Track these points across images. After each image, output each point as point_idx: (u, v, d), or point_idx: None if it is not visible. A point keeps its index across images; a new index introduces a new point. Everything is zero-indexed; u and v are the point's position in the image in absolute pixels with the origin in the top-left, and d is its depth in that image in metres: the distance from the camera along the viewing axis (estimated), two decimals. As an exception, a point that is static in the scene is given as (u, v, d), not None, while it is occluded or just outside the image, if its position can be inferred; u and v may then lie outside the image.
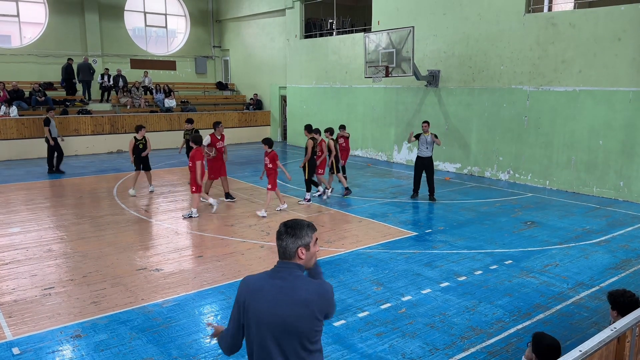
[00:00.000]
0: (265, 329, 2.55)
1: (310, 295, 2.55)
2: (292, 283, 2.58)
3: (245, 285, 2.67)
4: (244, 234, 9.05)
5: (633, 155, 11.46)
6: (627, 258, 7.90)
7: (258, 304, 2.57)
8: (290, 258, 2.65)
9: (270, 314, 2.54)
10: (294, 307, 2.53)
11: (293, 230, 2.65)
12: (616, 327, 3.24)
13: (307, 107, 20.70)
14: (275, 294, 2.56)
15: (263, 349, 2.58)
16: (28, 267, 7.40)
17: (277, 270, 2.65)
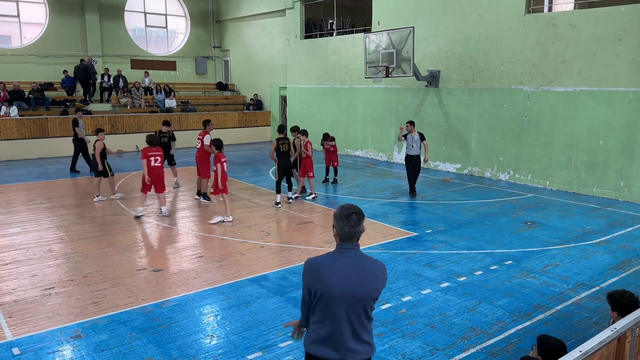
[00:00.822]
0: (337, 301, 2.89)
1: (376, 270, 2.97)
2: (360, 261, 2.96)
3: (311, 266, 3.00)
4: (244, 234, 9.05)
5: (633, 155, 11.46)
6: (627, 258, 7.90)
7: (329, 280, 2.90)
8: (357, 239, 2.98)
9: (342, 287, 2.88)
10: (364, 280, 2.91)
11: (359, 216, 2.96)
12: (616, 327, 3.24)
13: (308, 107, 20.71)
14: (346, 270, 2.92)
15: (333, 319, 2.92)
16: (28, 267, 7.40)
17: (344, 251, 2.97)
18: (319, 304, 2.96)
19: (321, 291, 2.92)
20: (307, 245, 8.41)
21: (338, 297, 2.90)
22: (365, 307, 2.95)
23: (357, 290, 2.90)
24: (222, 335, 5.42)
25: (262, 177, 14.72)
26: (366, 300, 2.93)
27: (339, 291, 2.89)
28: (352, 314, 2.93)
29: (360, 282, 2.91)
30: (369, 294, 2.93)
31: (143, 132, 20.24)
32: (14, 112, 17.96)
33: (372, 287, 2.94)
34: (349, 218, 2.92)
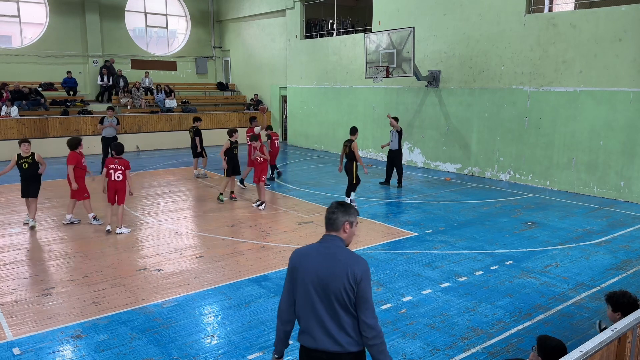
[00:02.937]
0: (309, 286, 3.06)
1: (345, 259, 3.02)
2: (334, 250, 3.08)
3: (295, 254, 3.24)
4: (245, 234, 9.05)
5: (634, 155, 11.45)
6: (627, 259, 7.89)
7: (305, 266, 3.10)
8: (336, 230, 3.14)
9: (314, 273, 3.04)
10: (331, 267, 3.01)
11: (344, 207, 3.17)
12: (617, 327, 3.24)
13: (308, 107, 20.71)
14: (319, 257, 3.08)
15: (307, 303, 3.08)
16: (29, 267, 7.41)
17: (323, 241, 3.17)
18: (298, 291, 3.12)
19: (297, 275, 3.11)
20: (307, 246, 8.40)
21: (309, 282, 3.05)
22: (338, 297, 2.98)
23: (326, 277, 3.00)
24: (222, 336, 5.42)
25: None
26: (336, 290, 2.97)
27: (310, 276, 3.05)
28: (323, 302, 3.02)
29: (329, 269, 3.00)
30: (338, 284, 2.96)
31: (143, 132, 20.31)
32: (15, 112, 17.98)
33: (340, 276, 2.97)
34: (331, 207, 3.18)
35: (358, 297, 2.99)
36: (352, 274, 2.97)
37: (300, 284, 3.10)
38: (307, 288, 3.07)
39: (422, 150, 16.34)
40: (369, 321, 3.01)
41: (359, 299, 2.99)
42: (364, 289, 2.99)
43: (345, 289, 2.97)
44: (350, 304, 3.00)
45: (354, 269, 2.98)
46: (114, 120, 15.18)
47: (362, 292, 2.99)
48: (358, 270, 2.99)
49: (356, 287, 2.97)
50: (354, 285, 2.97)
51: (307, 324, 3.10)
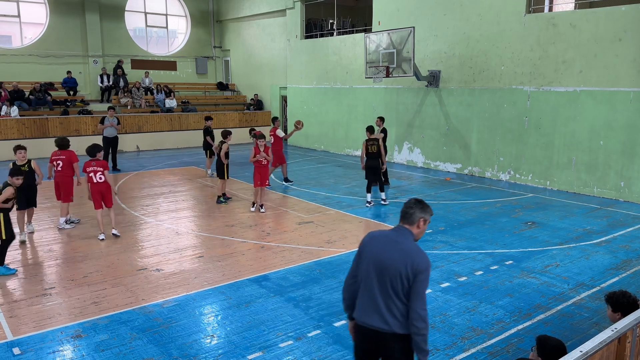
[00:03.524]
0: (370, 267, 3.34)
1: (409, 251, 3.25)
2: (401, 240, 3.33)
3: (367, 236, 3.51)
4: (245, 234, 9.05)
5: (634, 155, 11.45)
6: (627, 259, 7.89)
7: (371, 248, 3.39)
8: (410, 224, 3.38)
9: (377, 255, 3.32)
10: (393, 253, 3.27)
11: (421, 205, 3.42)
12: (617, 327, 3.24)
13: (308, 107, 20.71)
14: (385, 243, 3.35)
15: (366, 282, 3.36)
16: (28, 267, 7.41)
17: (395, 230, 3.42)
18: (360, 269, 3.43)
19: (363, 254, 3.42)
20: (307, 245, 8.41)
21: (371, 262, 3.33)
22: (393, 283, 3.23)
23: (386, 262, 3.26)
24: (222, 335, 5.42)
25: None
26: (393, 276, 3.22)
27: (373, 258, 3.33)
28: (381, 285, 3.28)
29: (391, 256, 3.26)
30: (395, 271, 3.21)
31: (143, 132, 20.31)
32: (15, 112, 17.98)
33: (400, 264, 3.21)
34: (410, 202, 3.45)
35: (413, 288, 3.20)
36: (412, 265, 3.20)
37: (363, 263, 3.40)
38: (369, 268, 3.35)
39: (422, 150, 16.34)
40: (421, 312, 3.20)
41: (414, 290, 3.20)
42: (421, 282, 3.21)
43: (401, 277, 3.21)
44: (403, 291, 3.22)
45: (415, 261, 3.21)
46: (114, 120, 15.20)
47: (418, 284, 3.20)
48: (419, 264, 3.21)
49: (413, 278, 3.20)
50: (412, 276, 3.19)
51: (363, 300, 3.38)
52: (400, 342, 3.29)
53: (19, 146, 8.58)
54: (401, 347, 3.31)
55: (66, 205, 9.38)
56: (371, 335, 3.35)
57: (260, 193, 10.64)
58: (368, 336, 3.39)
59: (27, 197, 8.64)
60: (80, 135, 18.83)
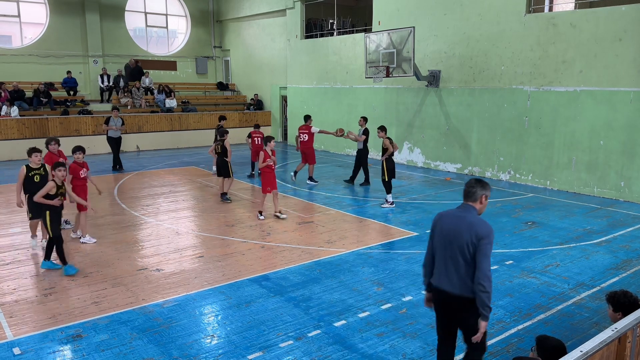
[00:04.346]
0: (442, 239, 3.94)
1: (473, 222, 3.82)
2: (466, 214, 3.91)
3: (438, 215, 4.10)
4: (245, 234, 9.05)
5: (634, 155, 11.45)
6: (627, 258, 7.89)
7: (441, 224, 3.99)
8: (473, 201, 3.94)
9: (446, 229, 3.92)
10: (460, 227, 3.84)
11: (481, 183, 3.96)
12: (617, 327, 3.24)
13: (308, 107, 20.69)
14: (453, 218, 3.94)
15: (439, 252, 3.98)
16: (29, 267, 7.41)
17: (460, 207, 4.00)
18: (433, 243, 4.04)
19: (435, 230, 4.02)
20: (307, 245, 8.41)
21: (442, 236, 3.94)
22: (461, 250, 3.79)
23: (454, 233, 3.84)
24: (222, 335, 5.42)
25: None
26: (461, 244, 3.80)
27: (443, 232, 3.93)
28: (452, 253, 3.85)
29: (458, 228, 3.84)
30: (462, 241, 3.78)
31: (143, 132, 20.31)
32: (15, 112, 17.98)
33: (465, 234, 3.78)
34: (471, 181, 3.98)
35: (478, 251, 3.73)
36: (475, 233, 3.75)
37: (436, 237, 4.01)
38: (441, 241, 3.95)
39: (422, 150, 16.35)
40: (487, 272, 3.72)
41: (479, 253, 3.73)
42: (485, 247, 3.73)
43: (468, 245, 3.76)
44: (470, 257, 3.77)
45: (477, 230, 3.75)
46: (119, 121, 15.20)
47: (482, 248, 3.73)
48: (481, 231, 3.75)
49: (478, 243, 3.74)
50: (476, 241, 3.74)
51: (437, 268, 4.01)
52: (468, 303, 3.82)
53: (35, 149, 7.98)
54: (470, 307, 3.82)
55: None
56: (445, 297, 3.95)
57: (275, 198, 10.19)
58: (443, 298, 3.98)
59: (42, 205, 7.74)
60: (81, 135, 18.84)
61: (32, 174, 7.83)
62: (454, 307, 3.94)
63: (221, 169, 11.51)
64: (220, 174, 11.60)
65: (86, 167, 8.62)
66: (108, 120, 15.20)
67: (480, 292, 3.72)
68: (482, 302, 3.74)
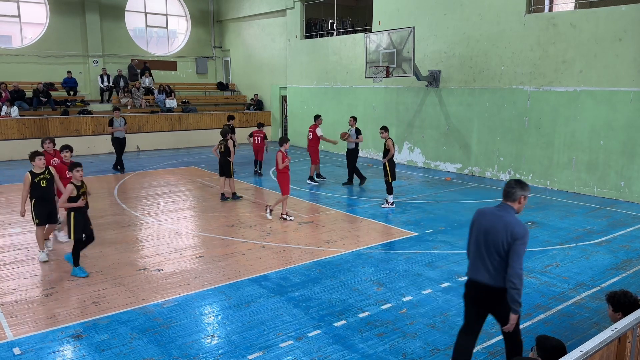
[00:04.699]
0: (480, 235, 4.21)
1: (510, 222, 4.04)
2: (504, 214, 4.13)
3: (477, 212, 4.38)
4: (245, 234, 9.06)
5: (634, 155, 11.45)
6: (628, 258, 7.89)
7: (480, 221, 4.26)
8: (512, 201, 4.15)
9: (484, 226, 4.18)
10: (497, 225, 4.09)
11: (521, 184, 4.16)
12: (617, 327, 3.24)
13: (308, 107, 20.71)
14: (491, 217, 4.19)
15: (476, 247, 4.26)
16: (29, 267, 7.41)
17: (499, 206, 4.22)
18: (472, 238, 4.32)
19: (474, 226, 4.32)
20: (307, 245, 8.41)
21: (480, 232, 4.21)
22: (497, 247, 4.06)
23: (491, 231, 4.11)
24: (222, 335, 5.42)
25: (263, 177, 14.72)
26: (496, 242, 4.06)
27: (481, 228, 4.21)
28: (487, 249, 4.13)
29: (495, 226, 4.09)
30: (498, 239, 4.05)
31: (143, 132, 20.31)
32: (15, 113, 17.98)
33: (502, 232, 4.03)
34: (511, 182, 4.20)
35: (512, 250, 3.98)
36: (511, 233, 3.99)
37: (474, 233, 4.29)
38: (478, 237, 4.23)
39: (422, 150, 16.35)
40: (518, 270, 3.98)
41: (513, 252, 3.98)
42: (519, 247, 3.98)
43: (503, 243, 4.03)
44: (505, 254, 4.03)
45: (514, 230, 3.99)
46: (121, 121, 15.19)
47: (516, 248, 3.98)
48: (517, 232, 3.99)
49: (512, 243, 3.98)
50: (511, 241, 3.99)
51: (473, 261, 4.29)
52: (501, 294, 4.11)
53: (37, 152, 7.56)
54: (501, 298, 4.11)
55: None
56: (479, 288, 4.24)
57: (285, 200, 10.15)
58: (477, 289, 4.27)
59: (49, 210, 7.64)
60: (81, 135, 18.86)
61: (37, 180, 7.45)
62: (487, 297, 4.23)
63: (223, 169, 11.55)
64: (222, 174, 11.63)
65: None
66: (112, 122, 15.13)
67: (511, 288, 3.99)
68: (512, 297, 4.02)
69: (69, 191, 6.76)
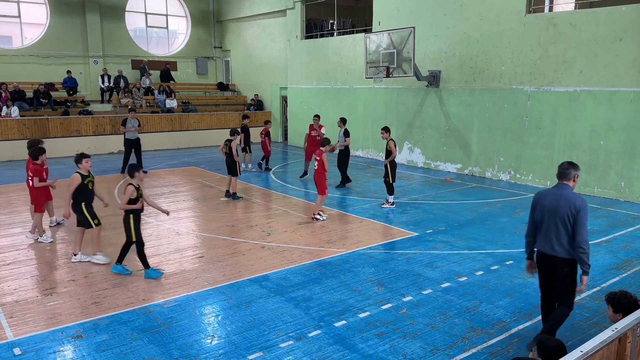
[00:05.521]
0: (545, 213, 4.90)
1: (570, 197, 4.78)
2: (563, 191, 4.86)
3: (538, 194, 5.12)
4: (245, 234, 9.06)
5: (634, 155, 11.45)
6: (628, 258, 7.89)
7: (543, 201, 4.97)
8: (568, 179, 4.88)
9: (548, 205, 4.89)
10: (560, 202, 4.80)
11: (573, 164, 4.90)
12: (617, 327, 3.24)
13: (308, 107, 20.71)
14: (552, 196, 4.90)
15: (542, 224, 4.94)
16: (29, 267, 7.41)
17: (557, 186, 4.95)
18: (537, 216, 4.99)
19: (537, 206, 5.01)
20: (307, 246, 8.42)
21: (545, 210, 4.90)
22: (562, 220, 4.76)
23: (556, 207, 4.80)
24: (222, 336, 5.42)
25: (263, 176, 14.72)
26: (561, 216, 4.75)
27: (546, 207, 4.90)
28: (554, 223, 4.81)
29: (558, 203, 4.80)
30: (564, 213, 4.73)
31: (144, 132, 20.25)
32: (15, 113, 17.98)
33: (565, 207, 4.74)
34: (561, 167, 4.93)
35: (577, 221, 4.68)
36: (574, 206, 4.70)
37: (539, 212, 4.98)
38: (544, 214, 4.90)
39: (423, 150, 16.35)
40: (585, 237, 4.67)
41: (578, 223, 4.68)
42: (582, 217, 4.68)
43: (568, 216, 4.71)
44: (570, 226, 4.72)
45: (575, 203, 4.72)
46: (135, 122, 15.15)
47: (580, 219, 4.68)
48: (578, 204, 4.71)
49: (576, 214, 4.68)
50: (575, 213, 4.69)
51: (541, 236, 4.96)
52: (567, 264, 4.80)
53: (85, 154, 7.61)
54: (567, 267, 4.82)
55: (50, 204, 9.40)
56: (548, 259, 4.90)
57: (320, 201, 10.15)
58: (546, 260, 4.94)
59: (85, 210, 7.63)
60: (81, 135, 18.86)
61: (86, 182, 7.50)
62: (554, 266, 4.87)
63: (230, 168, 11.67)
64: (229, 173, 11.72)
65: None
66: (125, 122, 14.98)
67: (581, 253, 4.66)
68: (582, 260, 4.67)
69: (131, 192, 6.81)
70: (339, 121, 13.44)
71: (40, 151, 8.62)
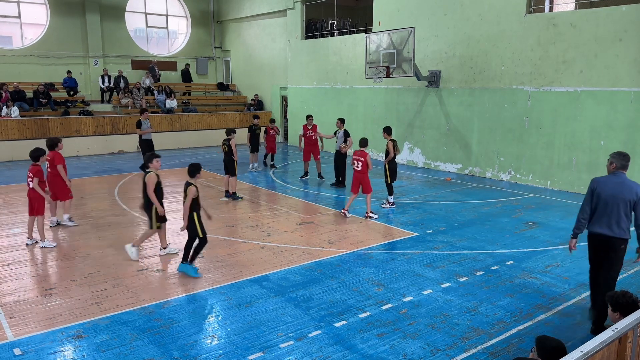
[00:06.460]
0: (606, 199, 5.40)
1: (630, 185, 5.35)
2: (623, 180, 5.40)
3: (595, 181, 5.54)
4: (245, 234, 9.06)
5: (634, 155, 11.43)
6: (628, 259, 7.86)
7: (602, 187, 5.45)
8: (624, 169, 5.44)
9: (609, 191, 5.39)
10: (621, 189, 5.34)
11: (627, 157, 5.48)
12: (617, 327, 3.24)
13: (308, 107, 20.70)
14: (612, 183, 5.42)
15: (601, 208, 5.45)
16: (29, 267, 7.42)
17: (614, 174, 5.47)
18: (598, 202, 5.45)
19: (596, 192, 5.48)
20: (308, 246, 8.41)
21: (605, 196, 5.39)
22: (622, 205, 5.32)
23: (616, 193, 5.33)
24: (223, 336, 5.42)
25: (263, 176, 14.73)
26: (622, 201, 5.31)
27: (606, 193, 5.39)
28: (614, 208, 5.36)
29: (619, 189, 5.34)
30: (626, 198, 5.30)
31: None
32: (15, 113, 17.99)
33: (626, 193, 5.30)
34: (624, 158, 5.46)
35: (637, 205, 5.29)
36: (636, 192, 5.29)
37: (597, 197, 5.46)
38: (604, 200, 5.39)
39: (423, 150, 16.35)
40: None
41: (638, 206, 5.29)
42: None
43: (630, 201, 5.30)
44: (630, 210, 5.34)
45: (637, 189, 5.30)
46: (148, 122, 15.12)
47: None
48: (639, 190, 5.30)
49: (637, 200, 5.28)
50: (636, 198, 5.28)
51: (598, 219, 5.48)
52: (623, 242, 5.43)
53: (155, 154, 7.79)
54: (623, 245, 5.45)
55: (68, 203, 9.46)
56: (602, 239, 5.47)
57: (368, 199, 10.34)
58: (599, 240, 5.50)
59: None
60: (81, 135, 18.87)
61: (159, 181, 7.73)
62: (607, 246, 5.45)
63: (227, 167, 11.66)
64: (226, 172, 11.73)
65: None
66: (139, 123, 14.72)
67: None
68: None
69: (194, 192, 6.98)
70: (338, 122, 13.34)
71: (40, 152, 8.62)
